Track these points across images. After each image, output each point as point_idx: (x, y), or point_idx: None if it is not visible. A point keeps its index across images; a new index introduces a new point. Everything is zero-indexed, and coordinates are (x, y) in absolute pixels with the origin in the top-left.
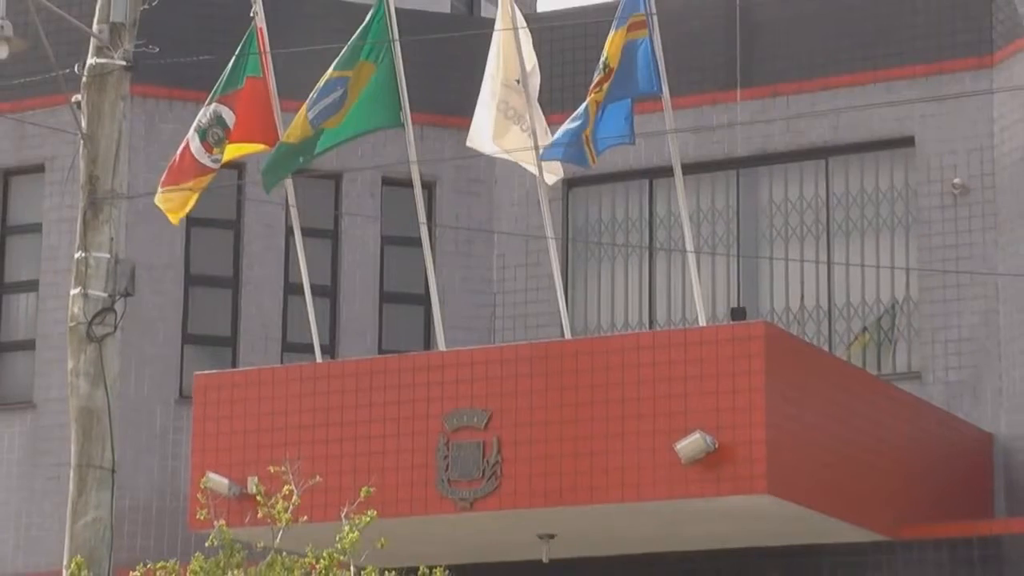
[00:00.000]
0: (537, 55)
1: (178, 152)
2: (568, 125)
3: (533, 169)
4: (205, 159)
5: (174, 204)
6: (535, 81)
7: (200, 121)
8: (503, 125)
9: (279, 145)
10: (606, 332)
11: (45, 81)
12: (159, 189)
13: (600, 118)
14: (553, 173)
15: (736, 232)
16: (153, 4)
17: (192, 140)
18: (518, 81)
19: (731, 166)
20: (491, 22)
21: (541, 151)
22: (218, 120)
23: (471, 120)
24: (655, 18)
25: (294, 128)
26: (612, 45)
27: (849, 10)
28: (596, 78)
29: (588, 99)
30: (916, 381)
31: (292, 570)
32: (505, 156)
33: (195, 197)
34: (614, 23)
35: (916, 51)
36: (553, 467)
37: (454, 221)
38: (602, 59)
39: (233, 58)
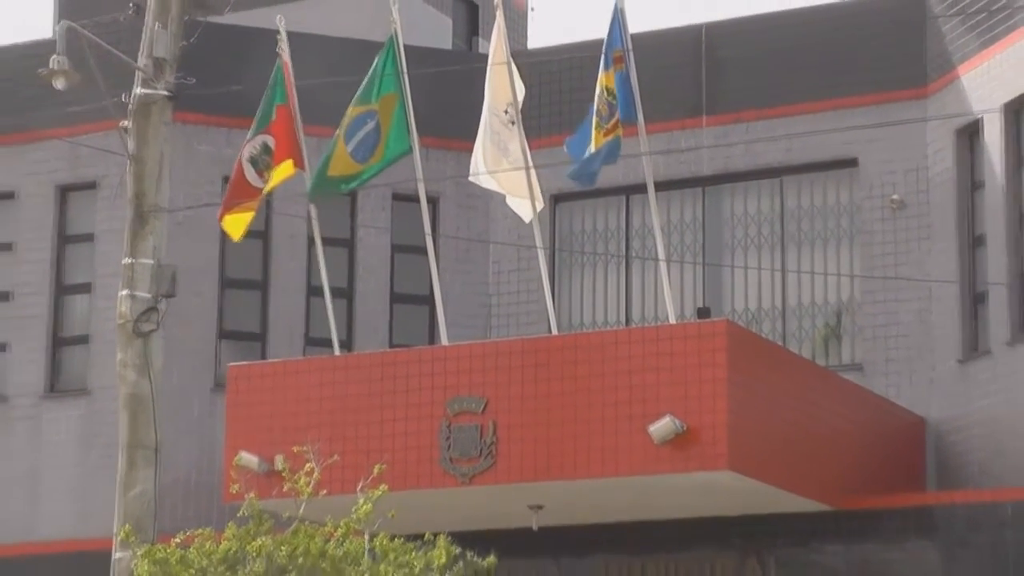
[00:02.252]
0: (527, 86)
1: (232, 181)
2: (596, 155)
3: (514, 204)
4: (259, 183)
5: (237, 226)
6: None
7: (251, 153)
8: (495, 157)
9: (328, 179)
10: (588, 329)
11: (97, 109)
12: (224, 214)
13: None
14: (537, 203)
15: (702, 242)
16: (192, 41)
17: (247, 169)
18: (506, 111)
19: (697, 184)
20: (487, 57)
21: (570, 170)
22: (264, 149)
23: (470, 143)
24: (631, 53)
25: (337, 161)
26: (609, 81)
27: (802, 47)
28: (614, 116)
29: (615, 134)
30: (859, 372)
31: (314, 537)
32: (497, 190)
33: (252, 216)
34: (603, 62)
35: (860, 83)
36: (542, 447)
37: (455, 232)
38: (605, 96)
39: (266, 91)
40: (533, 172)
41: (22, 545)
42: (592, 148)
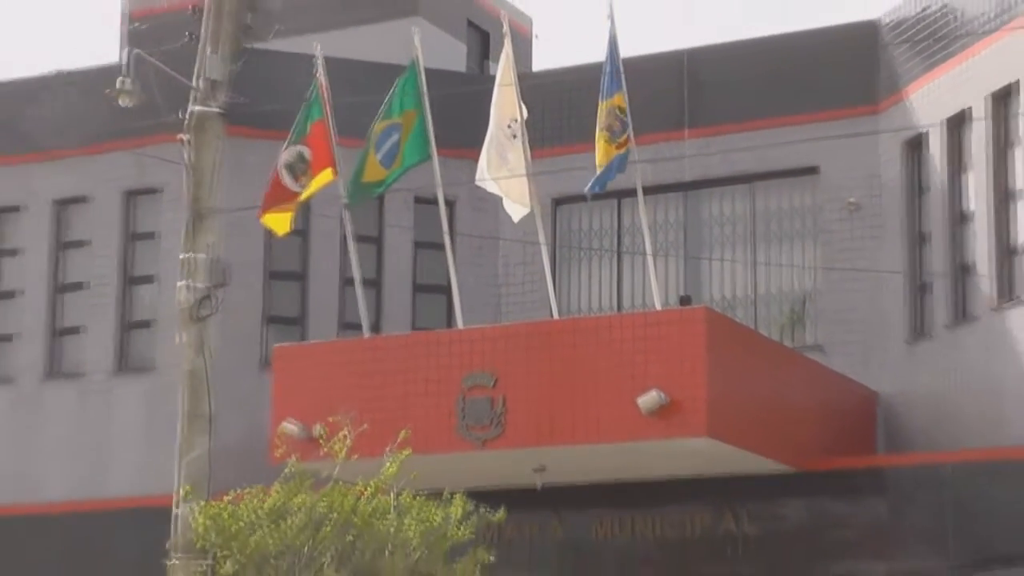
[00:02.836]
0: (531, 104)
1: (269, 185)
2: (609, 167)
3: (508, 206)
4: (295, 187)
5: (280, 223)
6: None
7: (287, 160)
8: (497, 165)
9: (363, 185)
10: (585, 314)
11: (159, 124)
12: (263, 213)
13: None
14: (523, 206)
15: (684, 239)
16: (241, 65)
17: (283, 174)
18: (509, 126)
19: (680, 188)
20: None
21: (588, 186)
22: (300, 157)
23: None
24: (623, 76)
25: (370, 168)
26: (621, 101)
27: (772, 70)
28: (625, 132)
29: (626, 148)
30: (820, 352)
31: (347, 494)
32: (497, 193)
33: (293, 215)
34: (610, 85)
35: (822, 101)
36: (544, 416)
37: (469, 231)
38: (617, 114)
39: (302, 108)
40: (531, 178)
41: (96, 501)
42: (600, 161)
